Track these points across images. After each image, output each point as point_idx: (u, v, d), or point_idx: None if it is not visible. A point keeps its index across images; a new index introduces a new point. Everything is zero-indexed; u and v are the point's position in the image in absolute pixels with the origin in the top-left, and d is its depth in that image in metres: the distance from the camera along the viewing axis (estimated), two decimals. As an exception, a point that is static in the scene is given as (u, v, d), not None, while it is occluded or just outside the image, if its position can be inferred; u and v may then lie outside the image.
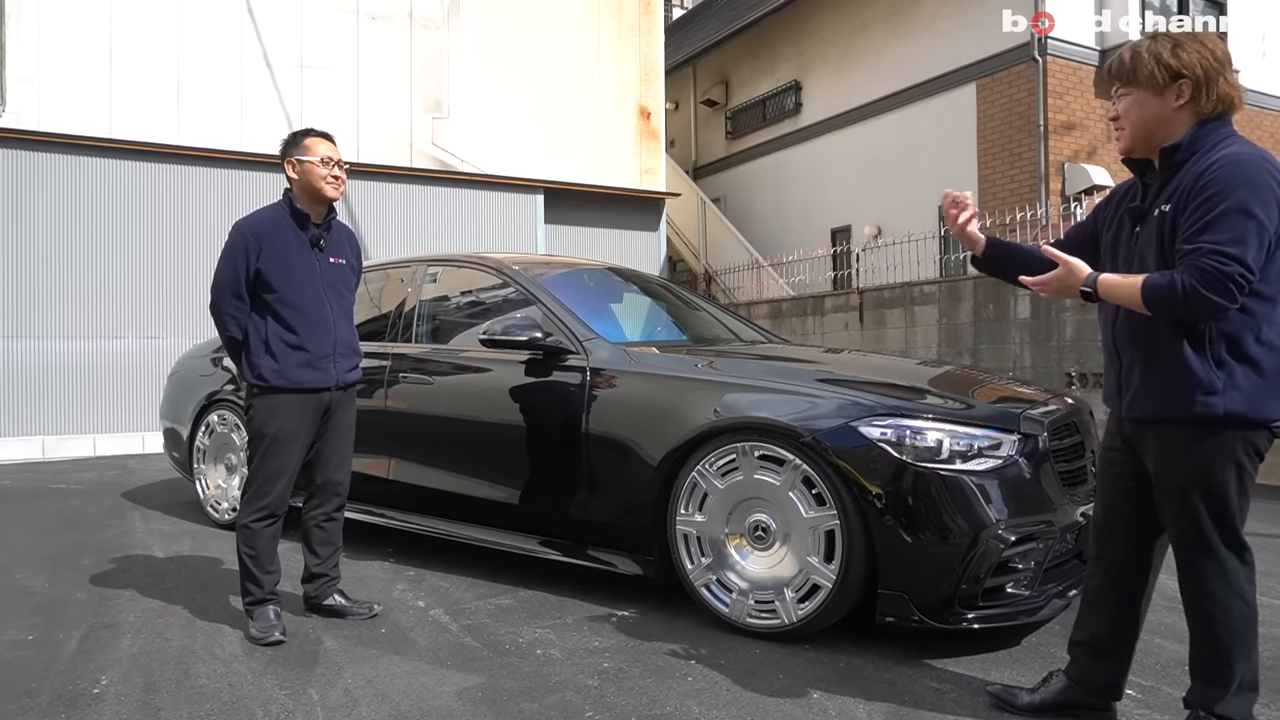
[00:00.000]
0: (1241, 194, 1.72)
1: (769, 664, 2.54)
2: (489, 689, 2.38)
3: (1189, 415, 1.83)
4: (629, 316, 4.00)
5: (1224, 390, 1.80)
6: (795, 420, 2.69)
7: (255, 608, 2.83)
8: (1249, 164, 1.75)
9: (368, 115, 9.27)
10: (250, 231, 2.84)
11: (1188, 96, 1.83)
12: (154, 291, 8.35)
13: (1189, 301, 1.73)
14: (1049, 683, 2.18)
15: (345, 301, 3.00)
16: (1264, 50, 12.10)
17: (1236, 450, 1.84)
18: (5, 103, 7.70)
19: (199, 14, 8.48)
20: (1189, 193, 1.79)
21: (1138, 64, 1.86)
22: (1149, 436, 1.94)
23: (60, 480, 6.39)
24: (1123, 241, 2.00)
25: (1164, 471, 1.91)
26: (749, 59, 14.72)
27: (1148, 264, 1.88)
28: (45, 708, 2.27)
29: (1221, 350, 1.81)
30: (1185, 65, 1.82)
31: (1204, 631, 1.90)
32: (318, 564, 3.01)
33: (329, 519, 3.01)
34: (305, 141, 2.91)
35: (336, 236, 3.02)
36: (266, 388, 2.81)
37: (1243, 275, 1.70)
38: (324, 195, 2.90)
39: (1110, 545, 2.07)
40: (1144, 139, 1.90)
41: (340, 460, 3.02)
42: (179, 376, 5.15)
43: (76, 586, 3.44)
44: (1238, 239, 1.71)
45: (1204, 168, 1.78)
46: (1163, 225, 1.85)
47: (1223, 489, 1.85)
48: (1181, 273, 1.75)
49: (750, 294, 11.64)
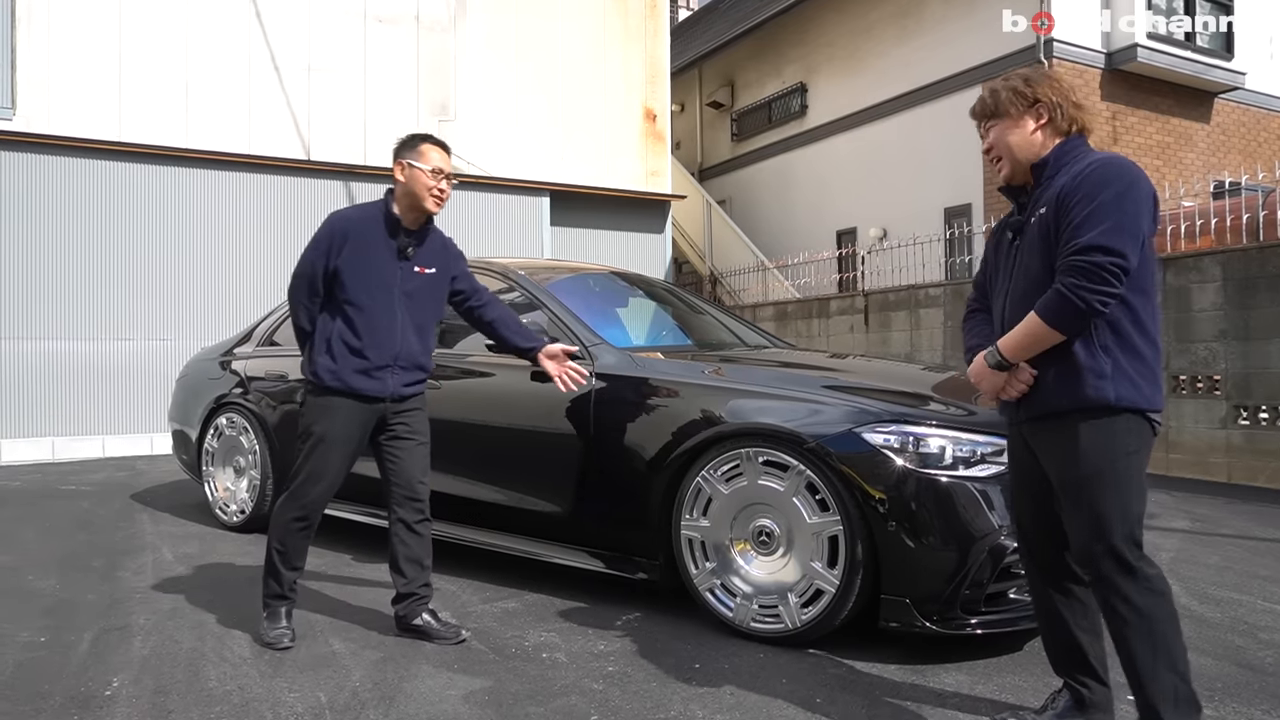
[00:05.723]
0: (1111, 190, 1.84)
1: (773, 668, 2.56)
2: (495, 692, 2.40)
3: (1082, 403, 1.88)
4: (634, 321, 4.03)
5: (1113, 376, 1.87)
6: (798, 426, 2.71)
7: (271, 604, 2.83)
8: (1118, 164, 1.90)
9: (375, 118, 9.31)
10: (338, 227, 2.78)
11: (1045, 118, 2.02)
12: (162, 294, 8.40)
13: (1078, 299, 1.81)
14: (1055, 702, 2.13)
15: (423, 314, 2.88)
16: (1271, 52, 12.07)
17: (1129, 441, 1.88)
18: (16, 106, 7.76)
19: (207, 18, 8.53)
20: (1066, 194, 1.90)
21: (998, 98, 2.06)
22: (1046, 437, 1.98)
23: (70, 481, 6.44)
24: (1003, 255, 2.11)
25: (1063, 469, 1.93)
26: (755, 61, 14.73)
27: (1031, 269, 1.97)
28: (58, 709, 2.30)
29: (1107, 338, 1.88)
30: (1039, 93, 2.02)
31: (1124, 642, 1.87)
32: (405, 583, 2.85)
33: (410, 531, 2.85)
34: (421, 146, 2.83)
35: (431, 246, 2.92)
36: (321, 387, 2.78)
37: (1116, 264, 1.80)
38: (424, 206, 2.81)
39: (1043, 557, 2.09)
40: (1018, 162, 2.05)
41: (412, 467, 2.87)
42: (188, 379, 5.18)
43: (87, 588, 3.48)
44: (1109, 229, 1.81)
45: (1077, 170, 1.93)
46: (1042, 227, 1.95)
47: (1121, 484, 1.87)
48: (1060, 277, 1.85)
49: (756, 296, 11.65)
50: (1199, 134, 11.39)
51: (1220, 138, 11.60)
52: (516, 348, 3.08)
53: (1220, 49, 11.30)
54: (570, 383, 3.02)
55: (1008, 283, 2.06)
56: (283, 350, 4.54)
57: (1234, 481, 5.97)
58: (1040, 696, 2.26)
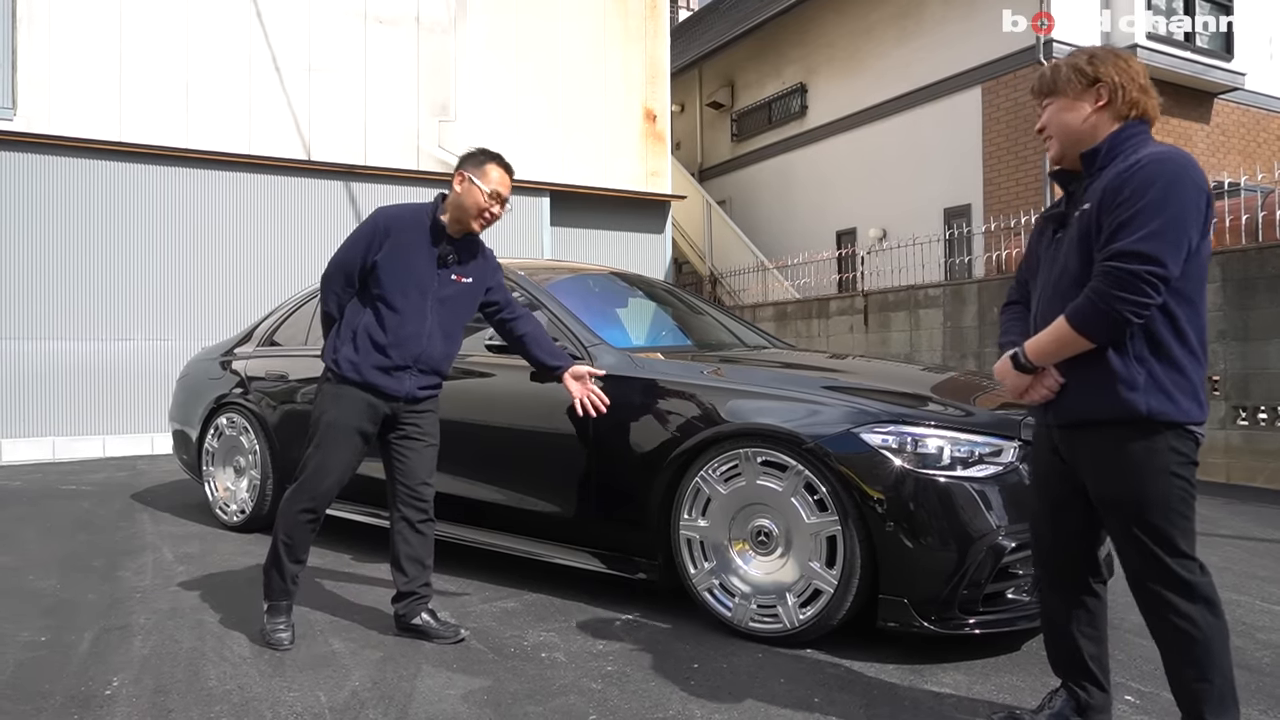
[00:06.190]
0: (1158, 191, 1.73)
1: (771, 668, 2.57)
2: (494, 692, 2.41)
3: (1112, 414, 1.80)
4: (634, 322, 4.03)
5: (1144, 388, 1.77)
6: (797, 426, 2.72)
7: (273, 598, 2.83)
8: (1169, 162, 1.77)
9: (375, 118, 9.33)
10: (383, 223, 2.80)
11: (1105, 99, 1.90)
12: (163, 294, 8.41)
13: (1109, 308, 1.73)
14: (1052, 702, 2.12)
15: (453, 321, 2.90)
16: (1271, 53, 12.07)
17: (1167, 459, 1.79)
18: (17, 106, 7.77)
19: (208, 18, 8.54)
20: (1110, 191, 1.80)
21: (1057, 75, 1.95)
22: (1078, 446, 1.91)
23: (70, 481, 6.45)
24: (1045, 247, 2.02)
25: (1100, 485, 1.87)
26: (755, 61, 14.74)
27: (1070, 267, 1.88)
28: (59, 708, 2.31)
29: (1142, 348, 1.79)
30: (1100, 73, 1.89)
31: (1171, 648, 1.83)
32: (405, 582, 2.88)
33: (413, 529, 2.88)
34: (486, 165, 2.85)
35: (471, 255, 2.93)
36: (339, 377, 2.80)
37: (1153, 273, 1.70)
38: (470, 224, 2.85)
39: (1056, 563, 2.05)
40: (1070, 144, 1.95)
41: (419, 468, 2.91)
42: (188, 379, 5.19)
43: (88, 588, 3.48)
44: (1150, 235, 1.71)
45: (1124, 167, 1.81)
46: (1084, 223, 1.85)
47: (1162, 502, 1.79)
48: (1094, 281, 1.77)
49: (756, 296, 11.66)
50: (1198, 134, 11.39)
51: (1220, 138, 11.60)
52: (544, 365, 3.08)
53: (1220, 49, 11.30)
54: (590, 408, 3.01)
55: (1047, 276, 1.97)
56: (283, 350, 4.55)
57: (1233, 482, 5.98)
58: (1038, 696, 2.27)
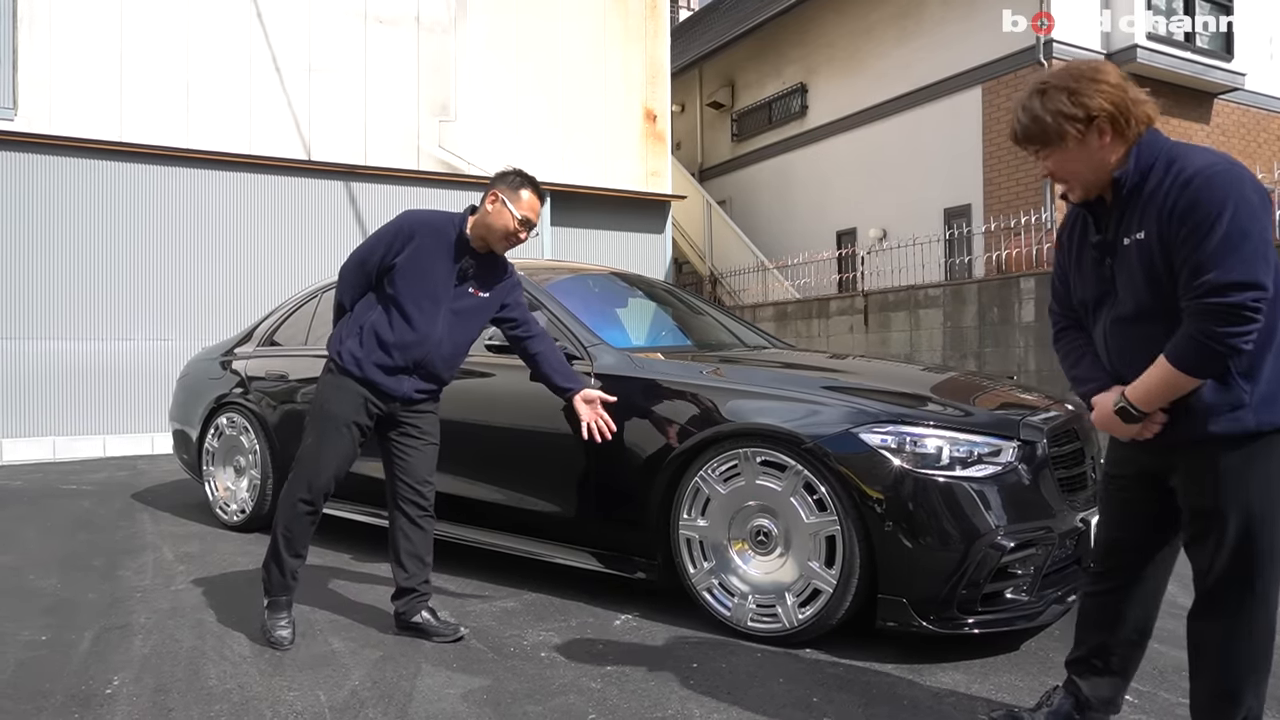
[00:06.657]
0: (1228, 211, 1.61)
1: (770, 667, 2.58)
2: (493, 691, 2.41)
3: (1217, 434, 1.70)
4: (633, 322, 4.04)
5: (1251, 404, 1.67)
6: (796, 426, 2.72)
7: (273, 594, 2.83)
8: (1225, 175, 1.65)
9: (375, 118, 9.33)
10: (408, 227, 2.81)
11: (1109, 131, 1.73)
12: (163, 293, 8.42)
13: (1221, 344, 1.62)
14: (1050, 700, 2.12)
15: (464, 333, 2.91)
16: (1271, 53, 12.08)
17: (1274, 465, 1.70)
18: (17, 106, 7.77)
19: (208, 18, 8.55)
20: (1173, 221, 1.67)
21: (1044, 126, 1.75)
22: (1174, 461, 1.80)
23: (71, 481, 6.45)
24: (1091, 276, 1.89)
25: (1199, 498, 1.76)
26: (755, 61, 14.74)
27: (1140, 299, 1.76)
28: (59, 708, 2.31)
29: (1244, 364, 1.68)
30: (1090, 107, 1.71)
31: (1219, 666, 1.78)
32: (405, 578, 2.89)
33: (413, 525, 2.90)
34: (521, 190, 2.84)
35: (491, 271, 2.93)
36: (340, 367, 2.82)
37: (1256, 299, 1.60)
38: (493, 244, 2.85)
39: (1119, 565, 1.99)
40: (1093, 185, 1.80)
41: (419, 466, 2.92)
42: (188, 379, 5.19)
43: (88, 587, 3.49)
44: (1240, 261, 1.60)
45: (1173, 186, 1.68)
46: (1145, 253, 1.73)
47: (1269, 513, 1.69)
48: (1193, 322, 1.65)
49: (756, 296, 11.67)
50: (1198, 135, 11.39)
51: (1220, 138, 11.60)
52: (556, 386, 3.08)
53: (1220, 49, 11.30)
54: (595, 433, 3.01)
55: (1108, 304, 1.84)
56: (283, 350, 4.56)
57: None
58: (1036, 695, 2.27)
